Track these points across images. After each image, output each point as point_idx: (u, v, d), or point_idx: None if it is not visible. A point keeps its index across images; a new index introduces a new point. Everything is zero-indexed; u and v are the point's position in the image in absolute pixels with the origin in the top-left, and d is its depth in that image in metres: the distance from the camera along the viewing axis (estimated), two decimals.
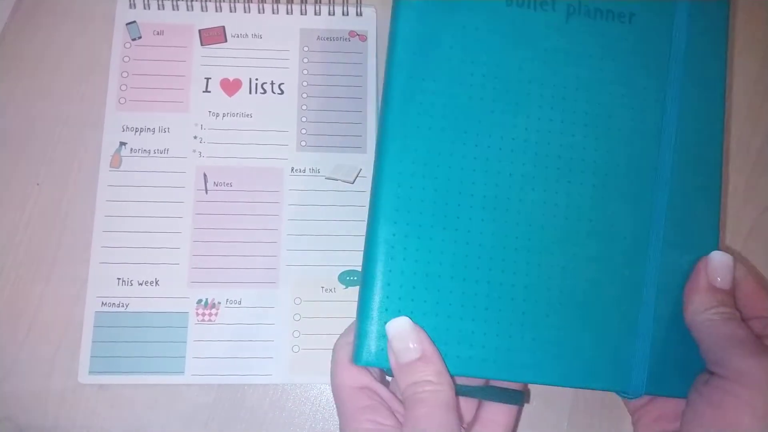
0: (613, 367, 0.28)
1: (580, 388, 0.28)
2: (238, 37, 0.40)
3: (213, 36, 0.40)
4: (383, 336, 0.26)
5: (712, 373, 0.27)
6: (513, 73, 0.28)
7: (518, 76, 0.28)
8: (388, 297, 0.27)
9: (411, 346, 0.26)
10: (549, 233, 0.28)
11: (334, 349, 0.29)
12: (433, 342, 0.26)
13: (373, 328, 0.26)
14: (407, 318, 0.26)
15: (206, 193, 0.38)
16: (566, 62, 0.29)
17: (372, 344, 0.26)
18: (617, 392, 0.29)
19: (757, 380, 0.25)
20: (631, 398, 0.29)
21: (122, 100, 0.38)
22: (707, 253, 0.29)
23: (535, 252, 0.27)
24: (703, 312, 0.28)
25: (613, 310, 0.28)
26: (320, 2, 0.41)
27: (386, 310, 0.26)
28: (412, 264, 0.27)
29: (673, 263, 0.29)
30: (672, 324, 0.28)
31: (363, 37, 0.40)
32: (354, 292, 0.37)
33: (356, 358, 0.26)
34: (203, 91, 0.39)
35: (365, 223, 0.38)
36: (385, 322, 0.26)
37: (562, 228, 0.28)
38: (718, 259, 0.29)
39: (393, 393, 0.28)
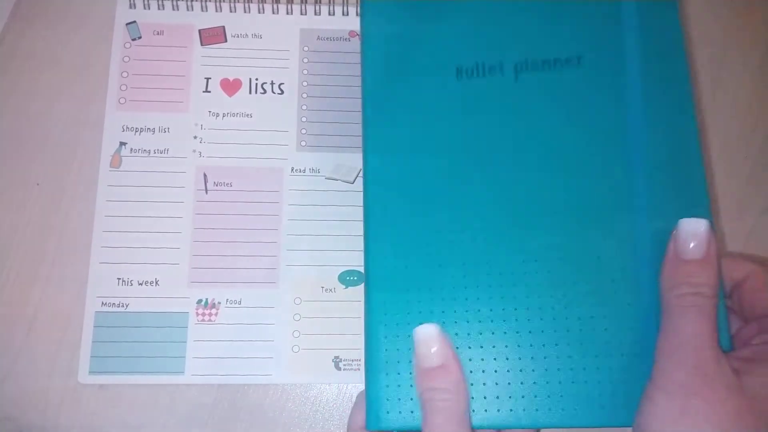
0: (627, 402, 0.26)
1: (589, 427, 0.27)
2: (238, 37, 0.40)
3: (213, 36, 0.40)
4: (388, 399, 0.27)
5: None
6: (469, 140, 0.29)
7: (475, 142, 0.29)
8: (387, 362, 0.27)
9: (433, 352, 0.26)
10: (532, 280, 0.28)
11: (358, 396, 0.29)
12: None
13: (379, 395, 0.27)
14: (436, 325, 0.27)
15: (206, 193, 0.38)
16: (519, 117, 0.29)
17: (380, 409, 0.27)
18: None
19: (662, 385, 0.24)
20: None
21: (122, 100, 0.39)
22: None
23: (520, 299, 0.28)
24: (667, 291, 0.25)
25: (615, 342, 0.27)
26: (320, 2, 0.41)
27: (387, 375, 0.27)
28: (407, 339, 0.27)
29: None
30: None
31: None
32: (354, 292, 0.37)
33: (368, 424, 0.27)
34: (203, 91, 0.39)
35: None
36: (388, 386, 0.27)
37: (543, 272, 0.28)
38: (685, 226, 0.25)
39: None
